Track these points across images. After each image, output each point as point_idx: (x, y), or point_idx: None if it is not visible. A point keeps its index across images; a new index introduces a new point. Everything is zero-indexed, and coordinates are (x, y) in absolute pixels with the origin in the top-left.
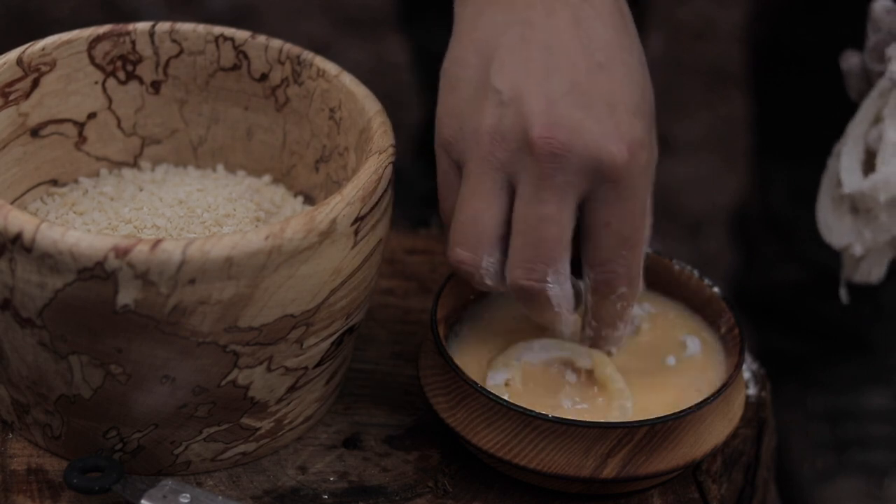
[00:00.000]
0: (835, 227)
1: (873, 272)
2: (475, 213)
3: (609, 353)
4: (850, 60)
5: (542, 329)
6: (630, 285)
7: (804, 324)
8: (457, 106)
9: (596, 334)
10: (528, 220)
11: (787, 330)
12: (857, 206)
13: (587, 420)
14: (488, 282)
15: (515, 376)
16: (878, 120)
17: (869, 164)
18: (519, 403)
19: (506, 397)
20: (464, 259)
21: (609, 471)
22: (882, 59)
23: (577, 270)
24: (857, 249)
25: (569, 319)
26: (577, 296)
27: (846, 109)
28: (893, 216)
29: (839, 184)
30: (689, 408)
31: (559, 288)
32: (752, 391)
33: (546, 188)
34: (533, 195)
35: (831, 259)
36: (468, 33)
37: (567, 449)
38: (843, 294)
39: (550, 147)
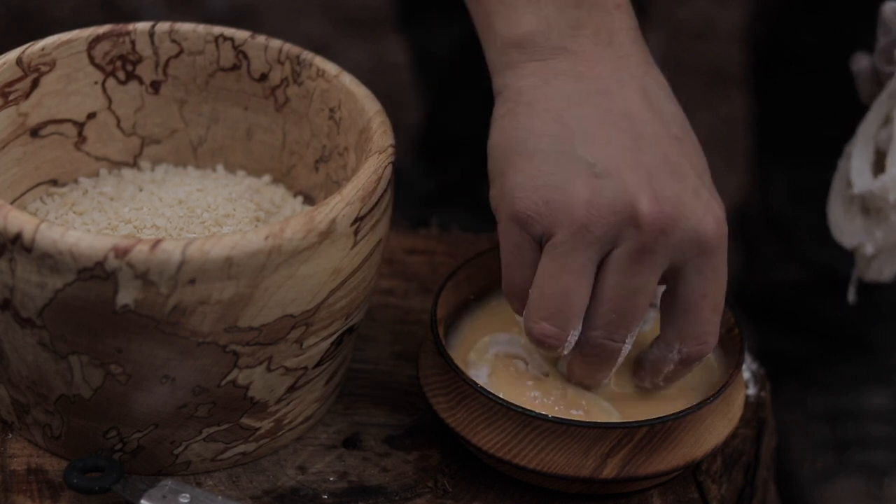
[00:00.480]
0: (846, 227)
1: (885, 271)
2: (566, 289)
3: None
4: (861, 62)
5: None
6: (704, 354)
7: (804, 324)
8: (537, 177)
9: (660, 387)
10: (618, 290)
11: (787, 330)
12: (868, 207)
13: (587, 420)
14: (566, 353)
15: (495, 370)
16: (888, 121)
17: (879, 165)
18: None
19: (501, 395)
20: (551, 335)
21: (609, 471)
22: (892, 60)
23: None
24: (869, 249)
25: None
26: None
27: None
28: None
29: (850, 185)
30: (689, 408)
31: (628, 349)
32: (751, 391)
33: (645, 261)
34: (629, 267)
35: (832, 259)
36: (536, 103)
37: (567, 449)
38: (852, 293)
39: (659, 223)
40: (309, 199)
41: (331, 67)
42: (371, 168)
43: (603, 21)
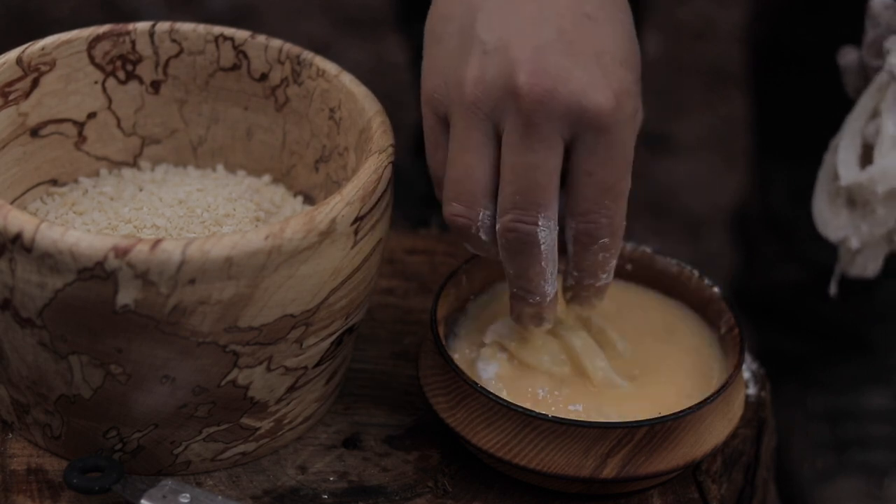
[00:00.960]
0: (831, 220)
1: (869, 266)
2: (467, 167)
3: (592, 307)
4: (848, 56)
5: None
6: (612, 236)
7: (804, 324)
8: (441, 59)
9: (577, 285)
10: (516, 168)
11: (787, 330)
12: (855, 200)
13: (587, 420)
14: (483, 236)
15: (503, 367)
16: (875, 114)
17: (866, 158)
18: (511, 394)
19: (504, 394)
20: (460, 213)
21: (609, 471)
22: (880, 53)
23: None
24: (854, 243)
25: (552, 275)
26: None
27: (846, 109)
28: (890, 209)
29: (836, 177)
30: (689, 408)
31: (549, 233)
32: (751, 391)
33: (532, 135)
34: (520, 143)
35: (832, 259)
36: None
37: (567, 449)
38: (833, 287)
39: (535, 94)
40: (309, 199)
41: (331, 67)
42: (371, 168)
43: None
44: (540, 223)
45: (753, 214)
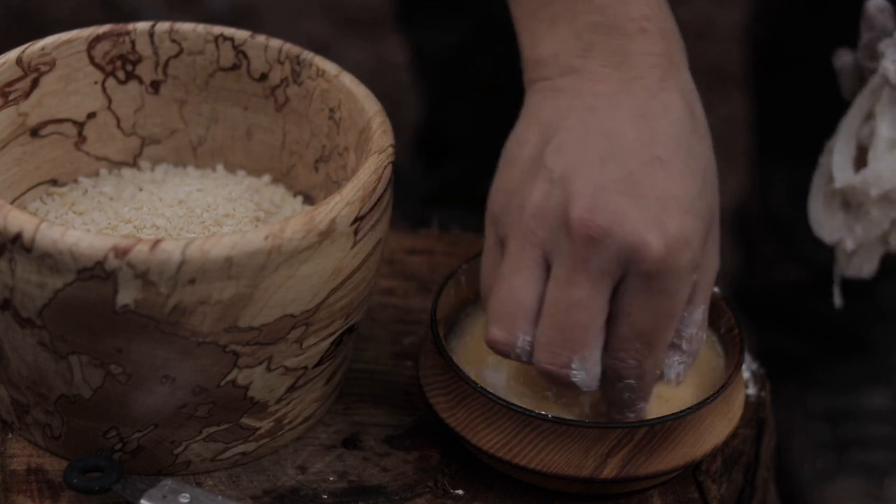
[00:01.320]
0: (826, 222)
1: (865, 267)
2: (511, 291)
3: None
4: (843, 59)
5: None
6: (639, 380)
7: (804, 324)
8: (509, 182)
9: (608, 412)
10: (557, 303)
11: (786, 330)
12: (849, 202)
13: (587, 420)
14: (524, 359)
15: (512, 372)
16: (869, 117)
17: (860, 160)
18: (521, 400)
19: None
20: (499, 339)
21: (609, 471)
22: (875, 56)
23: None
24: (849, 244)
25: (591, 393)
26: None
27: (845, 110)
28: (884, 211)
29: (831, 179)
30: (689, 408)
31: (585, 374)
32: (751, 391)
33: (579, 272)
34: (565, 278)
35: (831, 259)
36: (531, 116)
37: (567, 449)
38: (837, 296)
39: (588, 230)
40: (309, 199)
41: (331, 67)
42: (371, 168)
43: (618, 44)
44: (574, 366)
45: (753, 214)
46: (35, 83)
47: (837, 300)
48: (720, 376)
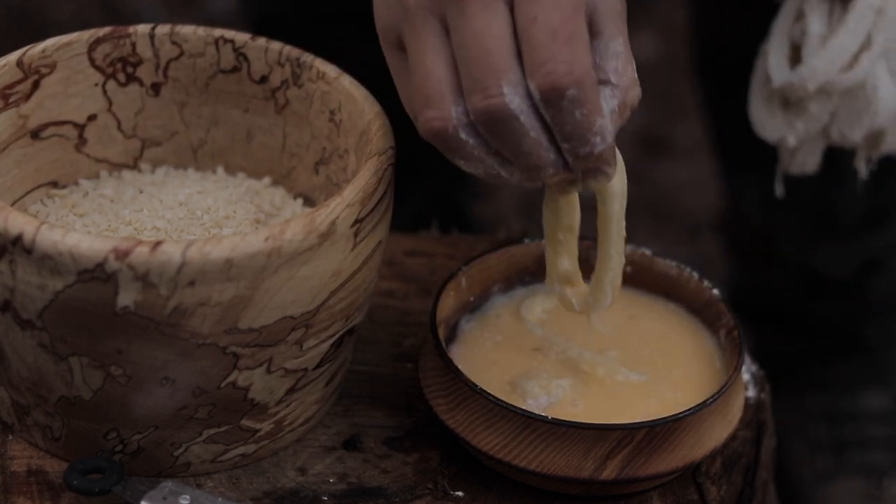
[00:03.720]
0: (767, 122)
1: (808, 162)
2: (426, 69)
3: (607, 178)
4: None
5: (543, 328)
6: (578, 86)
7: (800, 325)
8: None
9: (576, 159)
10: (464, 43)
11: (783, 332)
12: (789, 99)
13: (587, 422)
14: (465, 136)
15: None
16: (800, 16)
17: (795, 59)
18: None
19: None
20: (432, 116)
21: (608, 472)
22: None
23: None
24: (791, 141)
25: (550, 142)
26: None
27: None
28: (822, 105)
29: (768, 80)
30: (689, 409)
31: (521, 100)
32: (751, 393)
33: (470, 3)
34: (461, 15)
35: (813, 261)
36: None
37: (566, 450)
38: (779, 189)
39: None
40: (309, 201)
41: (331, 70)
42: (371, 170)
43: None
44: (505, 91)
45: (735, 224)
46: (36, 85)
47: (779, 190)
48: (720, 378)
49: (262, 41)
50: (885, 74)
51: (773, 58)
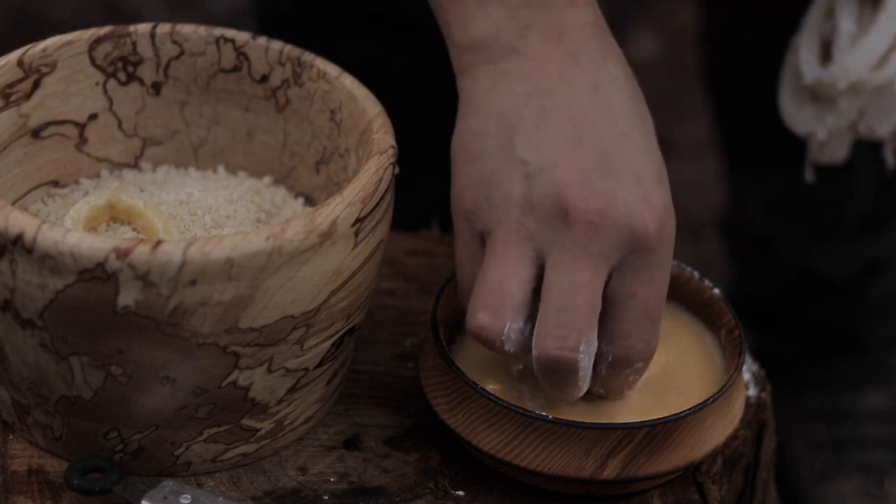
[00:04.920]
0: (798, 116)
1: (837, 153)
2: (501, 278)
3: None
4: None
5: None
6: (645, 360)
7: (799, 326)
8: (480, 177)
9: (604, 395)
10: (562, 287)
11: (783, 332)
12: (818, 95)
13: (587, 421)
14: (508, 348)
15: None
16: (830, 13)
17: (825, 55)
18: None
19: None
20: (486, 325)
21: (609, 472)
22: None
23: None
24: (820, 135)
25: (586, 384)
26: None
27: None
28: (852, 102)
29: (798, 76)
30: (689, 409)
31: (588, 359)
32: (751, 392)
33: (582, 257)
34: (566, 264)
35: (813, 263)
36: (484, 106)
37: (567, 450)
38: (809, 174)
39: (587, 215)
40: (310, 201)
41: (331, 69)
42: (372, 169)
43: (552, 18)
44: (581, 349)
45: (736, 224)
46: (36, 84)
47: (809, 175)
48: (720, 378)
49: (262, 40)
50: None
51: (804, 53)
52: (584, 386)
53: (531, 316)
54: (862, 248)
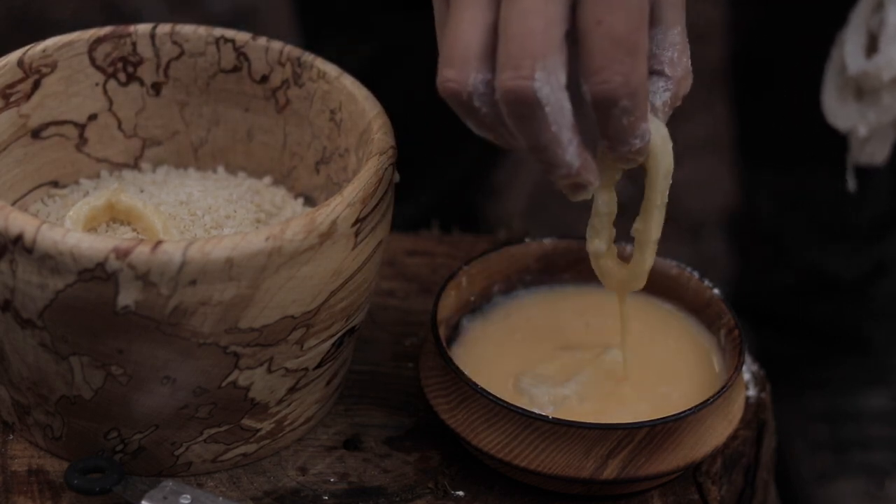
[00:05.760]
0: (840, 111)
1: (877, 154)
2: (459, 26)
3: (637, 162)
4: None
5: (540, 327)
6: (631, 98)
7: (801, 326)
8: None
9: (613, 153)
10: (510, 15)
11: (784, 332)
12: (862, 88)
13: (588, 421)
14: (478, 104)
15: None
16: (879, 6)
17: (871, 49)
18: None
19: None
20: (450, 77)
21: (609, 472)
22: None
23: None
24: (862, 131)
25: (570, 142)
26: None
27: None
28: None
29: (843, 69)
30: (689, 409)
31: (552, 91)
32: (751, 392)
33: None
34: None
35: (821, 262)
36: None
37: (567, 450)
38: (851, 180)
39: None
40: (310, 201)
41: (331, 69)
42: (372, 169)
43: None
44: (537, 77)
45: (743, 221)
46: (36, 85)
47: (851, 184)
48: (720, 378)
49: (262, 41)
50: None
51: (850, 45)
52: (567, 132)
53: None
54: (871, 250)
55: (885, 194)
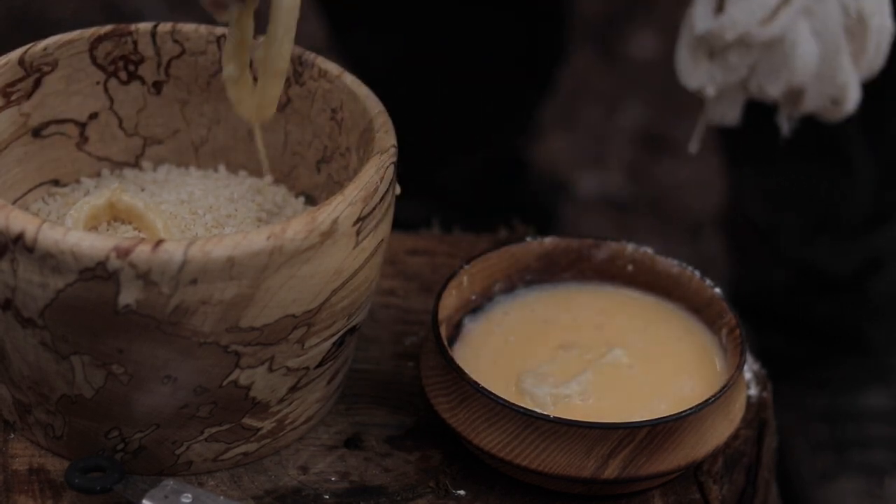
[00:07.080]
0: (691, 71)
1: (728, 114)
2: None
3: None
4: None
5: (541, 326)
6: None
7: (800, 325)
8: None
9: None
10: None
11: (784, 331)
12: (713, 49)
13: (589, 421)
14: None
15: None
16: None
17: (720, 9)
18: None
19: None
20: None
21: (610, 471)
22: None
23: None
24: (710, 91)
25: None
26: None
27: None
28: (742, 57)
29: (693, 28)
30: (691, 408)
31: None
32: (752, 392)
33: None
34: None
35: (817, 259)
36: None
37: (568, 449)
38: (695, 141)
39: None
40: (311, 200)
41: (332, 68)
42: (373, 168)
43: None
44: None
45: (737, 220)
46: (37, 83)
47: (693, 146)
48: (721, 377)
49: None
50: (806, 33)
51: (699, 6)
52: None
53: None
54: (863, 245)
55: (873, 189)
